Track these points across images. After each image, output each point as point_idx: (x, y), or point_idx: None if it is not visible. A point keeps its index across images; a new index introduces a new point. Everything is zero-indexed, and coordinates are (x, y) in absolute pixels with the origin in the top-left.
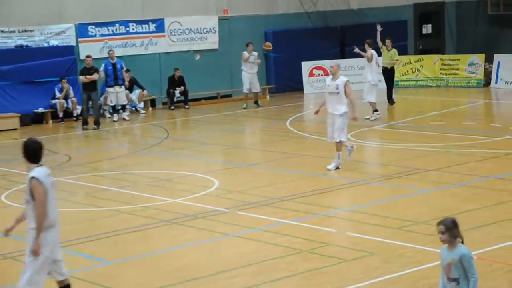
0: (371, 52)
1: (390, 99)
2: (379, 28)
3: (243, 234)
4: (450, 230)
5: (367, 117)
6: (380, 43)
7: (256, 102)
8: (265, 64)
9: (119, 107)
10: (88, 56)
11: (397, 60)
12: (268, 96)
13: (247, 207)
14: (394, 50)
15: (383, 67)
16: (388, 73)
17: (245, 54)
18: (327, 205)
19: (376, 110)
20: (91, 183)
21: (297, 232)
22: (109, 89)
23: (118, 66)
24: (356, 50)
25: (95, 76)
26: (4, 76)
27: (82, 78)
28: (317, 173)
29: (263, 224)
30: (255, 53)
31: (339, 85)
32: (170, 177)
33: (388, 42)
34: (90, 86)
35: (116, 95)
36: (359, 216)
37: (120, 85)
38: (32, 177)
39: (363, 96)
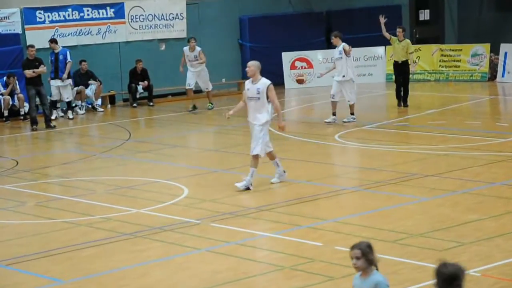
0: (344, 45)
1: (404, 101)
2: (382, 20)
3: (216, 249)
4: (366, 255)
5: (345, 120)
6: (387, 35)
7: (194, 106)
8: (240, 55)
9: (74, 104)
10: (31, 46)
11: (412, 52)
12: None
13: (221, 218)
14: (407, 41)
15: (394, 61)
16: (400, 68)
17: (186, 51)
18: (312, 215)
19: (353, 114)
20: (41, 192)
21: (278, 246)
22: (51, 83)
23: (61, 56)
24: (321, 74)
25: (43, 69)
26: None
27: (29, 72)
28: (300, 179)
29: (240, 238)
30: (198, 49)
31: (260, 89)
32: (132, 184)
33: (399, 31)
34: (38, 81)
35: (59, 89)
36: (348, 228)
37: (62, 79)
38: None
39: (333, 95)
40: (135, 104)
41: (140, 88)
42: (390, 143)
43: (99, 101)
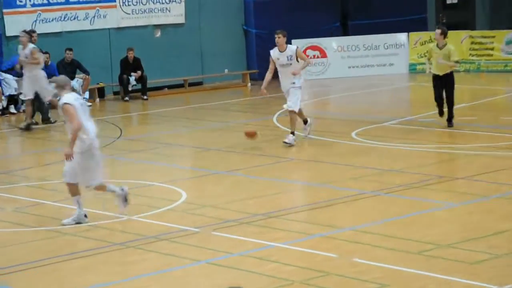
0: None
1: (448, 120)
2: None
3: (218, 261)
4: None
5: (304, 135)
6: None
7: (27, 125)
8: (244, 43)
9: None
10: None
11: (458, 61)
12: (249, 84)
13: (223, 226)
14: (450, 47)
15: (434, 74)
16: (444, 82)
17: (19, 49)
18: (326, 223)
19: (306, 121)
20: (21, 196)
21: (288, 257)
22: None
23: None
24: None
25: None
26: None
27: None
28: (314, 182)
29: (245, 248)
30: (31, 46)
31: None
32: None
33: (439, 34)
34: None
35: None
36: (367, 238)
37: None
38: None
39: (289, 105)
40: (126, 98)
41: (132, 79)
42: (414, 141)
43: (86, 95)
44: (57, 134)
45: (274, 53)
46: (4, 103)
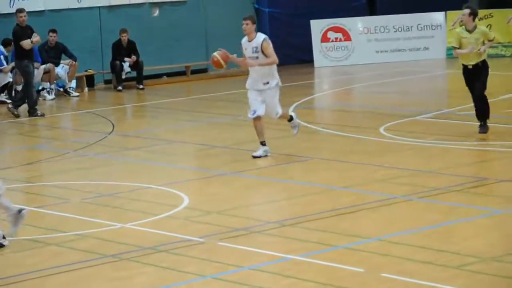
0: (266, 38)
1: (483, 124)
2: None
3: (226, 276)
4: None
5: (295, 132)
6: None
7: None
8: (257, 24)
9: (40, 87)
10: (20, 11)
11: (492, 40)
12: None
13: (231, 236)
14: (482, 29)
15: (463, 65)
16: (475, 74)
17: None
18: (350, 232)
19: (291, 118)
20: None
21: (306, 272)
22: None
23: None
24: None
25: (38, 38)
26: None
27: (28, 43)
28: (335, 185)
29: (255, 261)
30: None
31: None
32: (117, 191)
33: (467, 15)
34: (32, 54)
35: None
36: (398, 249)
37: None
38: None
39: (275, 113)
40: (120, 87)
41: (126, 66)
42: (451, 138)
43: (73, 83)
44: (42, 129)
45: (243, 42)
46: None
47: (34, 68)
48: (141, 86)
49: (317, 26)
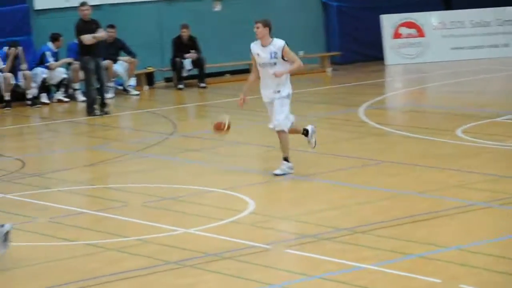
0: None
1: None
2: None
3: (293, 285)
4: None
5: (311, 148)
6: None
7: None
8: (323, 19)
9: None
10: (82, 4)
11: None
12: (329, 70)
13: (299, 243)
14: None
15: None
16: None
17: None
18: (426, 240)
19: (306, 132)
20: (56, 203)
21: (378, 282)
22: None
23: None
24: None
25: (103, 34)
26: None
27: (88, 38)
28: (410, 189)
29: (325, 269)
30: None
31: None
32: (179, 194)
33: None
34: (96, 50)
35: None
36: (477, 259)
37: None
38: None
39: (276, 123)
40: (181, 85)
41: (187, 63)
42: None
43: (132, 81)
44: (100, 129)
45: (254, 47)
46: (35, 91)
47: (100, 65)
48: (202, 85)
49: (389, 21)
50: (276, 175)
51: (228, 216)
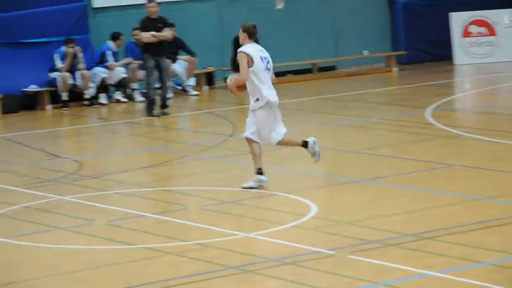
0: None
1: None
2: None
3: None
4: None
5: (315, 160)
6: None
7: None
8: (388, 16)
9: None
10: (150, 1)
11: None
12: (395, 70)
13: (364, 249)
14: None
15: None
16: None
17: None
18: (497, 247)
19: (305, 143)
20: (114, 206)
21: None
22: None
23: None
24: None
25: (167, 33)
26: None
27: (146, 36)
28: (480, 195)
29: (391, 277)
30: None
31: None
32: (239, 197)
33: None
34: (158, 49)
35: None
36: None
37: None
38: None
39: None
40: None
41: None
42: None
43: (191, 81)
44: (159, 130)
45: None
46: (94, 91)
47: (162, 65)
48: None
49: (458, 19)
50: (244, 188)
51: (290, 220)
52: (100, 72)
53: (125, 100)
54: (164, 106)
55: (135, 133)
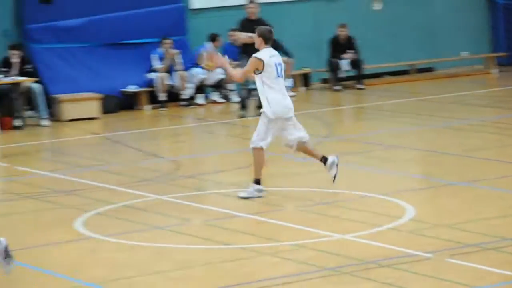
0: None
1: None
2: None
3: None
4: None
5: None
6: None
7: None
8: (488, 17)
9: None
10: (250, 2)
11: None
12: (494, 71)
13: (462, 252)
14: None
15: None
16: None
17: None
18: None
19: (325, 159)
20: (211, 206)
21: None
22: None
23: None
24: None
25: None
26: (76, 34)
27: (242, 37)
28: None
29: (491, 281)
30: None
31: None
32: (335, 199)
33: None
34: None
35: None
36: None
37: None
38: None
39: (292, 140)
40: (337, 87)
41: (344, 64)
42: None
43: (289, 82)
44: (251, 131)
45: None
46: (191, 92)
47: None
48: (360, 86)
49: None
50: (241, 197)
51: (386, 222)
52: (197, 73)
53: (222, 100)
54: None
55: (232, 134)
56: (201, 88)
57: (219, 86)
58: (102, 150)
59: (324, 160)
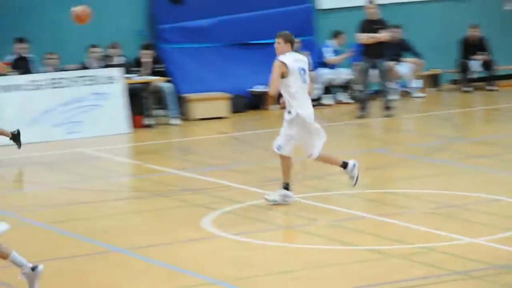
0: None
1: None
2: None
3: None
4: None
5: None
6: None
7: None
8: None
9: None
10: (369, 2)
11: None
12: None
13: None
14: None
15: None
16: None
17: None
18: None
19: (346, 165)
20: (337, 206)
21: None
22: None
23: None
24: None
25: (382, 36)
26: (205, 34)
27: (363, 37)
28: None
29: None
30: None
31: None
32: (464, 202)
33: None
34: (375, 51)
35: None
36: None
37: None
38: None
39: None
40: (467, 88)
41: (475, 65)
42: None
43: (416, 83)
44: (381, 132)
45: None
46: (319, 92)
47: (381, 67)
48: (492, 88)
49: None
50: (267, 199)
51: None
52: (324, 73)
53: (349, 101)
54: (386, 108)
55: (357, 134)
56: (328, 89)
57: (346, 86)
58: (231, 149)
59: (344, 165)
